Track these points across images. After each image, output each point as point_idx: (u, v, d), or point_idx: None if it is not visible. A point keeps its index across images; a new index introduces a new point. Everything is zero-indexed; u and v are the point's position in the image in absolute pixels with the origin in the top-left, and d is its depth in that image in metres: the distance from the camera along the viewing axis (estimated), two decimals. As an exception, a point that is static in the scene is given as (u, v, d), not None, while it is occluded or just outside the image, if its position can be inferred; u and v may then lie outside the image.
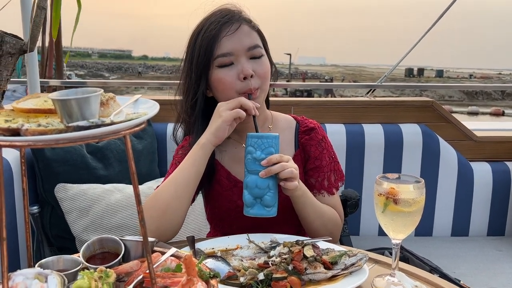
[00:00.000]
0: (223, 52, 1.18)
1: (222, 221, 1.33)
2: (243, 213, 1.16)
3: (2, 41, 1.55)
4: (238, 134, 1.29)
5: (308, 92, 29.08)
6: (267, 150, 1.13)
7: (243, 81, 1.18)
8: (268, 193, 1.11)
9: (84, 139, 0.54)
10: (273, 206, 1.12)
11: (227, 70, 1.19)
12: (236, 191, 1.26)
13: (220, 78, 1.19)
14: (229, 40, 1.18)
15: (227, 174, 1.28)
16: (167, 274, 0.75)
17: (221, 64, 1.19)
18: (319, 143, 1.32)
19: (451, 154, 2.19)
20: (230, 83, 1.18)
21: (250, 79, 1.18)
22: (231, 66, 1.19)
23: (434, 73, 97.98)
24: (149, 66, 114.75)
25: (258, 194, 1.11)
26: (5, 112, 0.64)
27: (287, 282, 0.92)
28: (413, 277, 1.00)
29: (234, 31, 1.19)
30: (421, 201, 0.94)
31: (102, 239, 0.84)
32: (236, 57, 1.19)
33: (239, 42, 1.19)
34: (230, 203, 1.28)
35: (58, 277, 0.69)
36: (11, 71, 1.63)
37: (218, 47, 1.18)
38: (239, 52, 1.19)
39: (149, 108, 0.65)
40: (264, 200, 1.11)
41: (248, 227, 1.21)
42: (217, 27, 1.18)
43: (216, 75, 1.20)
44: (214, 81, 1.21)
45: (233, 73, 1.19)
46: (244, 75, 1.17)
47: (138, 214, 0.63)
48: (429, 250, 2.02)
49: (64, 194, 1.65)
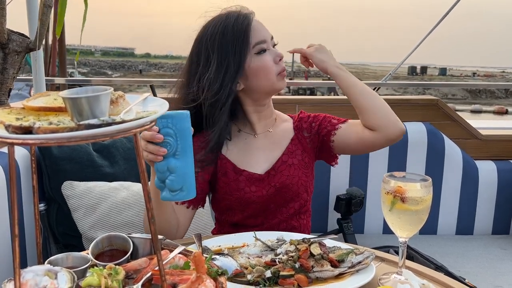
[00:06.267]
0: (260, 39, 1.28)
1: (233, 210, 1.36)
2: (252, 199, 1.30)
3: (8, 39, 1.56)
4: (250, 126, 1.38)
5: (311, 90, 29.05)
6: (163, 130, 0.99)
7: (278, 63, 1.30)
8: (169, 177, 1.00)
9: (96, 137, 0.55)
10: (179, 190, 0.99)
11: (266, 55, 1.29)
12: (242, 179, 1.32)
13: (261, 64, 1.29)
14: (260, 29, 1.30)
15: (233, 167, 1.33)
16: (175, 272, 0.76)
17: (260, 50, 1.29)
18: (307, 118, 1.42)
19: (456, 152, 2.19)
20: (271, 67, 1.30)
21: (281, 61, 1.32)
22: (267, 52, 1.30)
23: (437, 71, 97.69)
24: (152, 64, 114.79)
25: (161, 178, 1.02)
26: (16, 110, 0.64)
27: (294, 279, 0.93)
28: (419, 275, 1.00)
29: (258, 22, 1.31)
30: (428, 200, 0.94)
31: (110, 237, 0.84)
32: (267, 44, 1.30)
33: (266, 31, 1.31)
34: (237, 191, 1.32)
35: (68, 274, 0.70)
36: (17, 69, 1.63)
37: (254, 35, 1.28)
38: (268, 39, 1.31)
39: (159, 106, 0.65)
40: (167, 184, 1.01)
41: (257, 212, 1.33)
42: (245, 19, 1.28)
43: (256, 62, 1.29)
44: (254, 67, 1.29)
45: (270, 58, 1.30)
46: (279, 58, 1.31)
47: (148, 212, 0.63)
48: (433, 249, 2.03)
49: (71, 192, 1.65)
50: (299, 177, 1.34)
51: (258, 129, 1.38)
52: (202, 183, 1.33)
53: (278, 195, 1.33)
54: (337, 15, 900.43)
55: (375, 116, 1.31)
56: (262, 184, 1.32)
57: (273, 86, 1.31)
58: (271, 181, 1.33)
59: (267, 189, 1.32)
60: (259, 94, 1.33)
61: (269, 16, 70.60)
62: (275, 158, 1.36)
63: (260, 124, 1.38)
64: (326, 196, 2.18)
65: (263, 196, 1.32)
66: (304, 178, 1.36)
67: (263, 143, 1.37)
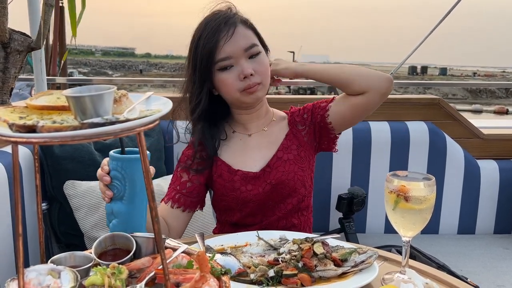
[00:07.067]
0: (222, 56, 1.25)
1: (231, 210, 1.36)
2: (248, 198, 1.30)
3: (10, 38, 1.56)
4: (243, 127, 1.39)
5: (311, 90, 29.06)
6: (112, 173, 0.96)
7: (243, 80, 1.26)
8: (113, 220, 0.98)
9: (100, 136, 0.54)
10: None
11: (227, 73, 1.27)
12: (237, 179, 1.32)
13: (222, 80, 1.28)
14: (227, 44, 1.25)
15: (228, 168, 1.33)
16: (179, 271, 0.75)
17: (222, 67, 1.27)
18: (299, 111, 1.42)
19: (457, 152, 2.19)
20: (232, 84, 1.27)
21: (250, 77, 1.26)
22: (232, 69, 1.27)
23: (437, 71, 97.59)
24: (152, 64, 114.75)
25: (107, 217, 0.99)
26: (19, 109, 0.64)
27: (297, 279, 0.93)
28: (422, 274, 1.00)
29: (231, 35, 1.25)
30: (432, 199, 0.93)
31: (113, 236, 0.84)
32: (236, 59, 1.26)
33: (236, 45, 1.26)
34: (233, 191, 1.32)
35: (71, 273, 0.69)
36: (19, 69, 1.63)
37: (218, 52, 1.25)
38: (237, 54, 1.26)
39: (163, 105, 0.65)
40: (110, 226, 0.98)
41: (255, 210, 1.33)
42: (215, 34, 1.25)
43: (218, 78, 1.28)
44: (217, 83, 1.29)
45: (233, 75, 1.26)
46: (244, 75, 1.25)
47: (151, 211, 0.63)
48: (435, 248, 2.02)
49: (73, 191, 1.65)
50: (295, 173, 1.34)
51: (251, 129, 1.38)
52: (198, 187, 1.34)
53: (274, 191, 1.32)
54: (337, 15, 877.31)
55: (359, 83, 1.31)
56: (258, 182, 1.32)
57: (238, 101, 1.30)
58: (267, 178, 1.32)
59: (263, 187, 1.32)
60: (231, 104, 1.35)
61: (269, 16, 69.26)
62: (271, 155, 1.35)
63: (253, 124, 1.38)
64: (327, 195, 2.18)
65: (259, 194, 1.31)
66: (300, 173, 1.35)
67: (258, 142, 1.37)
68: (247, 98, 1.28)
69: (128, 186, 0.95)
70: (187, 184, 1.33)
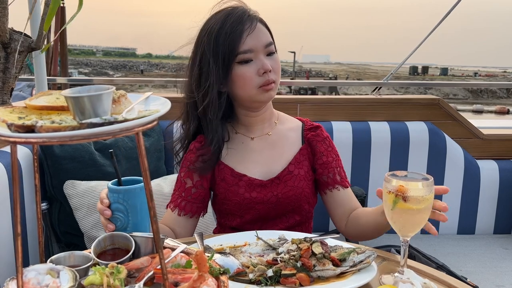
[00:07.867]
0: (245, 49, 1.23)
1: (233, 215, 1.35)
2: (251, 205, 1.27)
3: (10, 38, 1.56)
4: (246, 129, 1.36)
5: (312, 90, 29.06)
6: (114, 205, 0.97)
7: (262, 76, 1.24)
8: None
9: (98, 136, 0.55)
10: None
11: (247, 67, 1.25)
12: (242, 184, 1.31)
13: (241, 74, 1.25)
14: (250, 37, 1.24)
15: (231, 171, 1.32)
16: (177, 270, 0.76)
17: (242, 60, 1.24)
18: (324, 140, 1.38)
19: (457, 152, 2.19)
20: (251, 78, 1.24)
21: (268, 73, 1.25)
22: (251, 63, 1.25)
23: (438, 71, 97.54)
24: (153, 64, 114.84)
25: None
26: (18, 109, 0.64)
27: (296, 278, 0.93)
28: (421, 274, 1.00)
29: (253, 28, 1.24)
30: (430, 199, 0.94)
31: (112, 235, 0.84)
32: (256, 53, 1.25)
33: (258, 39, 1.25)
34: (237, 196, 1.31)
35: (70, 272, 0.70)
36: (19, 69, 1.64)
37: (240, 44, 1.23)
38: (258, 49, 1.25)
39: (161, 105, 0.65)
40: None
41: (256, 219, 1.31)
42: (238, 25, 1.23)
43: (237, 71, 1.25)
44: (234, 76, 1.26)
45: (253, 69, 1.25)
46: (264, 70, 1.24)
47: (150, 211, 0.63)
48: (435, 248, 2.02)
49: (73, 191, 1.66)
50: (302, 189, 1.32)
51: (254, 132, 1.36)
52: (202, 192, 1.33)
53: (279, 205, 1.31)
54: (337, 15, 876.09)
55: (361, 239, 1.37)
56: (264, 191, 1.30)
57: (251, 98, 1.27)
58: (274, 190, 1.30)
59: (268, 197, 1.30)
60: (240, 102, 1.32)
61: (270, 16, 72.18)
62: (278, 164, 1.33)
63: (257, 127, 1.36)
64: (327, 196, 2.18)
65: (263, 203, 1.30)
66: (307, 190, 1.33)
67: (260, 146, 1.35)
68: (261, 96, 1.26)
69: (131, 216, 0.95)
70: (192, 190, 1.32)
